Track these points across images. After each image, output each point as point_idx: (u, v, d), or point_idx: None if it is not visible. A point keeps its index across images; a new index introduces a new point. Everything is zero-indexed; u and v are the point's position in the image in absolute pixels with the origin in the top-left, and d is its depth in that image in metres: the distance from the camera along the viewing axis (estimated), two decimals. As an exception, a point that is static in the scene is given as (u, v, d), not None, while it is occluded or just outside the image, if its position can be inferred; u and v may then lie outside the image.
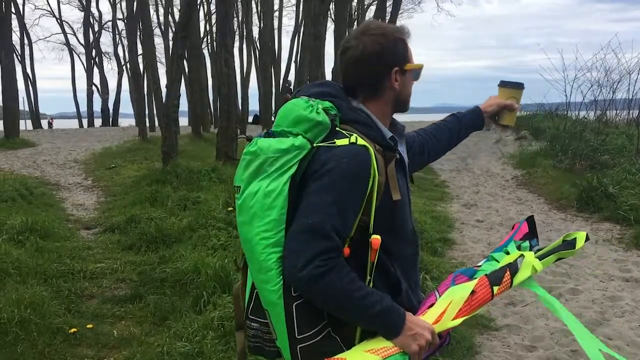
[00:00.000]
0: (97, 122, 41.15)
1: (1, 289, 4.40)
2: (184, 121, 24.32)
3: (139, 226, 6.60)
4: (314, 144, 1.47)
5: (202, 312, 4.14)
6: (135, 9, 21.82)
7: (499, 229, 7.49)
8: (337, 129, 1.51)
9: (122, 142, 18.12)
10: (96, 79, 41.73)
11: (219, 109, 13.35)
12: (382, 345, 1.42)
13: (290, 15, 64.02)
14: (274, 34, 29.81)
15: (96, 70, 41.65)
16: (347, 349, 1.45)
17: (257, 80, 32.06)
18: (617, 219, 7.47)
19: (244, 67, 32.04)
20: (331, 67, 18.17)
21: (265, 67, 26.94)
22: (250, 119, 30.16)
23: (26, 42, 38.57)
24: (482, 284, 1.54)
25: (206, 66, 30.27)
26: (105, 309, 4.49)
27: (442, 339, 1.53)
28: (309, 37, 10.12)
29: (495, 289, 1.54)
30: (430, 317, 1.50)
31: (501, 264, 1.62)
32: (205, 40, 32.02)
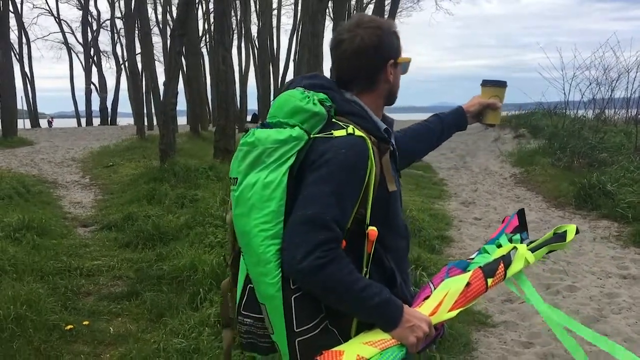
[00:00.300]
0: (96, 121, 41.17)
1: (-3, 286, 4.39)
2: (182, 120, 24.31)
3: (136, 224, 6.60)
4: (311, 135, 1.46)
5: (199, 308, 4.13)
6: (133, 8, 21.81)
7: (497, 226, 7.35)
8: (333, 120, 1.50)
9: (120, 141, 18.11)
10: (94, 78, 41.77)
11: (217, 107, 13.32)
12: (379, 337, 1.42)
13: (289, 14, 64.05)
14: (272, 32, 29.87)
15: (94, 69, 41.69)
16: (344, 341, 1.44)
17: (255, 78, 32.07)
18: (615, 216, 7.47)
19: (243, 65, 32.06)
20: (329, 65, 18.17)
21: (263, 66, 26.98)
22: (249, 118, 30.14)
23: (24, 41, 38.61)
24: (476, 276, 1.55)
25: (205, 65, 30.28)
26: (101, 306, 4.48)
27: (438, 330, 1.52)
28: (307, 35, 10.11)
29: (489, 281, 1.55)
30: (426, 309, 1.50)
31: (494, 256, 1.63)
32: (203, 38, 32.03)
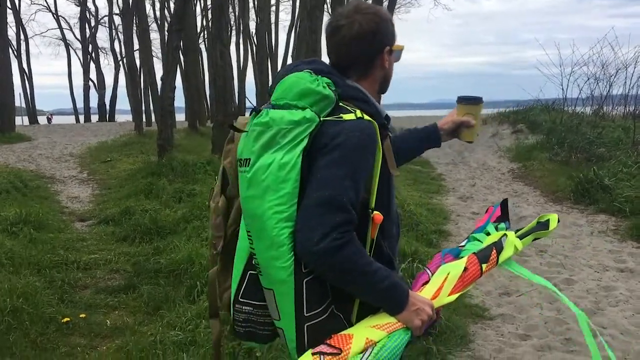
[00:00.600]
0: (94, 118, 41.13)
1: (-6, 279, 4.38)
2: (181, 117, 24.29)
3: (133, 218, 6.60)
4: (321, 118, 1.43)
5: (196, 301, 4.13)
6: (131, 4, 21.77)
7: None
8: (340, 104, 1.48)
9: (118, 136, 18.12)
10: (93, 75, 41.74)
11: (215, 102, 13.30)
12: (386, 320, 1.44)
13: (287, 9, 63.90)
14: (270, 28, 29.79)
15: (93, 65, 41.65)
16: (348, 326, 1.45)
17: (254, 75, 32.00)
18: (613, 210, 7.47)
19: (241, 61, 31.99)
20: (327, 61, 18.14)
21: (261, 62, 26.91)
22: (247, 114, 30.08)
23: (22, 37, 38.52)
24: (472, 262, 1.60)
25: (203, 61, 30.22)
26: (98, 299, 4.47)
27: (437, 315, 1.54)
28: (306, 31, 10.09)
29: (483, 266, 1.60)
30: (427, 293, 1.53)
31: (486, 243, 1.67)
32: (202, 35, 31.93)
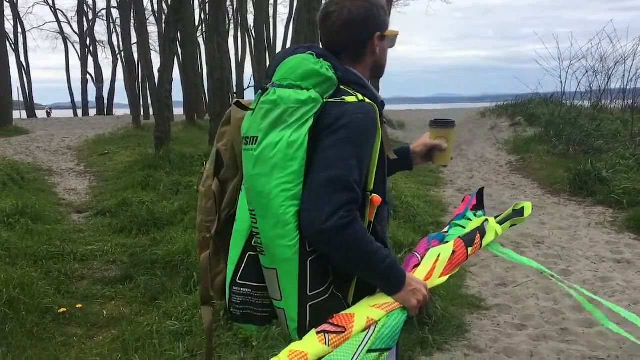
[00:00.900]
0: (92, 112, 41.02)
1: (-10, 270, 4.37)
2: (179, 111, 24.23)
3: (130, 209, 6.59)
4: (324, 99, 1.45)
5: (192, 292, 4.13)
6: (128, -4, 21.65)
7: (492, 213, 7.40)
8: (341, 87, 1.50)
9: (116, 130, 18.05)
10: (91, 68, 41.56)
11: (213, 94, 13.26)
12: (384, 300, 1.47)
13: (285, 2, 63.68)
14: (269, 21, 29.67)
15: (90, 59, 41.45)
16: (346, 306, 1.47)
17: (252, 68, 31.91)
18: (610, 202, 7.49)
19: (239, 54, 31.92)
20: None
21: (260, 55, 26.80)
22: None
23: (19, 30, 38.33)
24: (459, 245, 1.66)
25: (201, 54, 30.13)
26: (95, 290, 4.47)
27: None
28: (304, 23, 10.04)
29: (469, 249, 1.67)
30: (420, 275, 1.57)
31: (470, 228, 1.75)
32: (200, 28, 31.83)
